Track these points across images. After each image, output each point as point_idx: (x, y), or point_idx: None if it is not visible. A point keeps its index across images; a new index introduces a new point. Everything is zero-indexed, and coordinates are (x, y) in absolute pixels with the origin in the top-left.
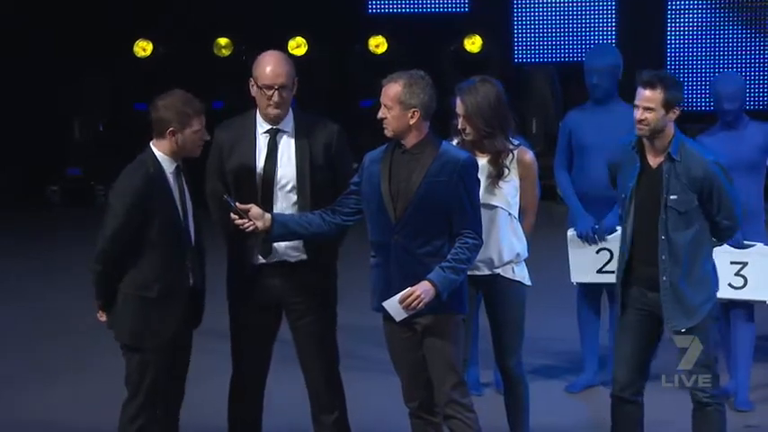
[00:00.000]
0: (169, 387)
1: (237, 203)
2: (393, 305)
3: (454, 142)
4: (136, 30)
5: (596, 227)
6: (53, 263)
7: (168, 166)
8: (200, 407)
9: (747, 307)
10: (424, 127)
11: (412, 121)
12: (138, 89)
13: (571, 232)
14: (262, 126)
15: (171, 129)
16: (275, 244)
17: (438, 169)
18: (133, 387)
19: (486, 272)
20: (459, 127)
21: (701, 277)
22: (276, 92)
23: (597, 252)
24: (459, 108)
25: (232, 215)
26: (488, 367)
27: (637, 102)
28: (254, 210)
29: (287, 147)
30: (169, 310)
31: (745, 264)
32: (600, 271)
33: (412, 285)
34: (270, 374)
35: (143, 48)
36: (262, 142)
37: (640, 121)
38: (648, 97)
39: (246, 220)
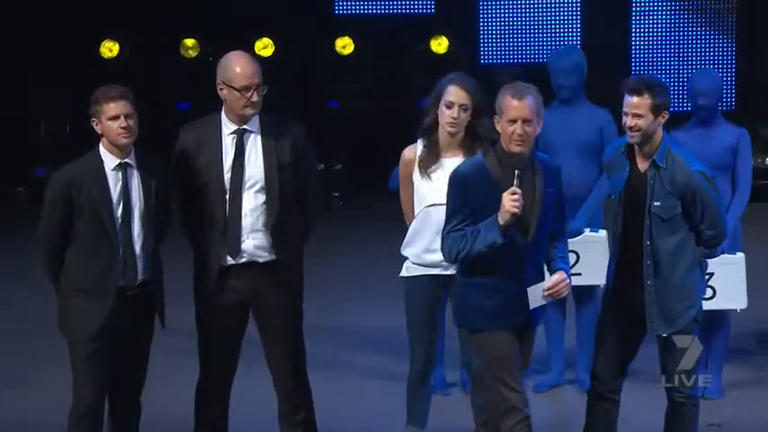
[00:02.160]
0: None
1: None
2: (537, 292)
3: (419, 143)
4: (102, 30)
5: None
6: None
7: (109, 161)
8: (172, 405)
9: None
10: None
11: (536, 133)
12: None
13: None
14: (228, 127)
15: (93, 120)
16: (244, 245)
17: (547, 180)
18: (75, 378)
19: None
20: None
21: (685, 284)
22: (254, 92)
23: None
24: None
25: (514, 192)
26: (454, 367)
27: (625, 109)
28: None
29: (254, 147)
30: (93, 308)
31: (711, 274)
32: None
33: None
34: (237, 374)
35: (109, 48)
36: (228, 143)
37: (631, 128)
38: (636, 104)
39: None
